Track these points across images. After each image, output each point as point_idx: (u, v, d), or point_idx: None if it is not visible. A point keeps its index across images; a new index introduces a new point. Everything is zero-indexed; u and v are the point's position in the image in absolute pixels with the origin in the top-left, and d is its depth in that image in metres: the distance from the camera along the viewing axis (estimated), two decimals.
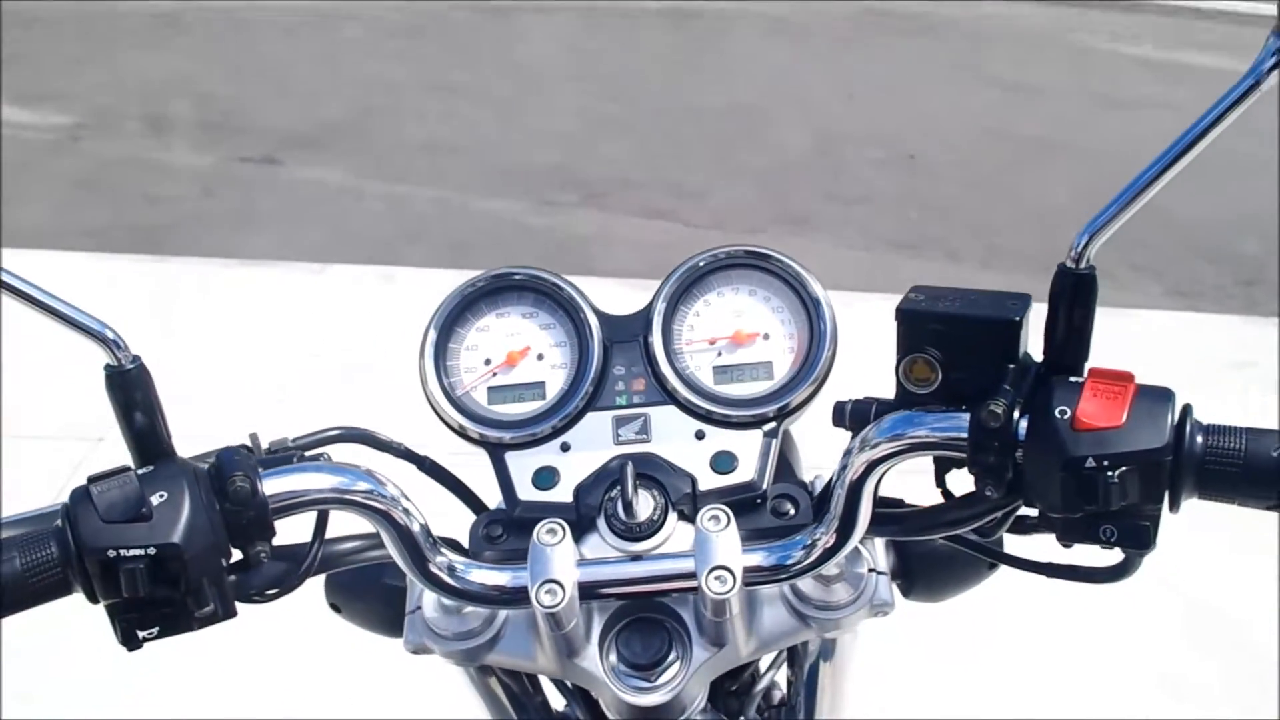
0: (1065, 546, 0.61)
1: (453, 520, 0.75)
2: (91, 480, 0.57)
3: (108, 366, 0.59)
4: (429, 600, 0.70)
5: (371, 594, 0.80)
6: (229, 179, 4.52)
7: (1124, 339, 3.69)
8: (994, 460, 0.58)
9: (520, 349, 0.75)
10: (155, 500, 0.56)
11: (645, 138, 5.46)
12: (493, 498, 0.74)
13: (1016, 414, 0.57)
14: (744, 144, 5.61)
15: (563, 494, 0.70)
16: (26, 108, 5.17)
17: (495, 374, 0.74)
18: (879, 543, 0.72)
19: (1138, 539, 0.57)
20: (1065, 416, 0.56)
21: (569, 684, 0.86)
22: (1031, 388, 0.58)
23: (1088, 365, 0.59)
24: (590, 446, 0.72)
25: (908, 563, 0.79)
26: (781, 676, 0.91)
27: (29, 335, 2.02)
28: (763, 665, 0.90)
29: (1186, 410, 0.56)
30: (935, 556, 0.78)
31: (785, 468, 0.75)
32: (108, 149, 4.76)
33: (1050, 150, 6.02)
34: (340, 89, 5.86)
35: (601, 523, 0.68)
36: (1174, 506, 0.56)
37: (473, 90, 6.07)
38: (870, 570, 0.70)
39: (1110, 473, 0.54)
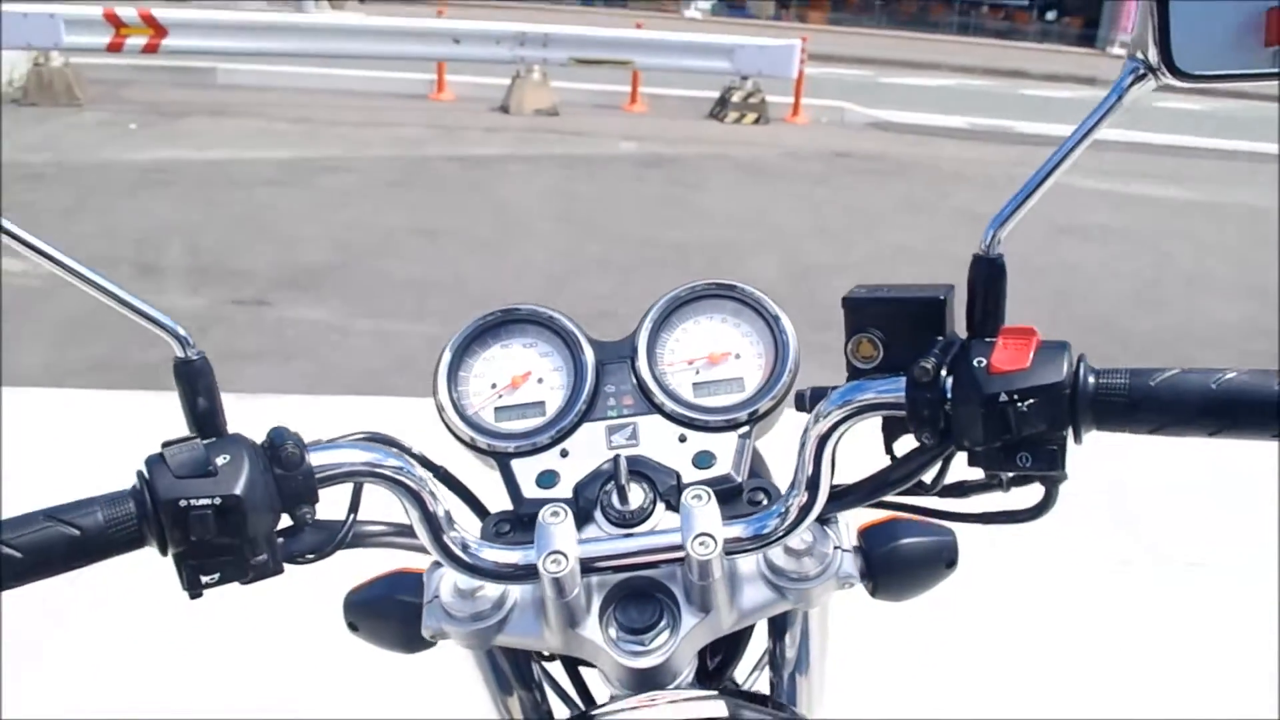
0: (991, 480, 0.71)
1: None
2: (164, 445, 0.66)
3: (176, 359, 0.69)
4: (445, 587, 0.78)
5: (386, 612, 0.86)
6: (221, 319, 4.64)
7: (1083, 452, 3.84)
8: (927, 412, 0.67)
9: (522, 374, 0.84)
10: (219, 461, 0.65)
11: (623, 272, 5.64)
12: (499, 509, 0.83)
13: (944, 372, 0.67)
14: (719, 275, 5.79)
15: (563, 491, 0.78)
16: (19, 257, 5.30)
17: (500, 395, 0.84)
18: (843, 527, 0.81)
19: (1049, 461, 0.67)
20: (982, 365, 0.66)
21: (565, 682, 0.93)
22: (955, 351, 0.69)
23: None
24: (586, 452, 0.80)
25: (873, 566, 0.87)
26: (764, 682, 0.98)
27: None
28: (740, 675, 0.97)
29: (1081, 357, 0.67)
30: (897, 558, 0.86)
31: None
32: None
33: (1011, 274, 6.22)
34: (328, 235, 6.05)
35: (598, 514, 0.77)
36: (1077, 437, 0.66)
37: (458, 233, 6.27)
38: (836, 548, 0.79)
39: (1020, 404, 0.65)
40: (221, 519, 0.64)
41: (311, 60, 10.90)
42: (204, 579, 0.65)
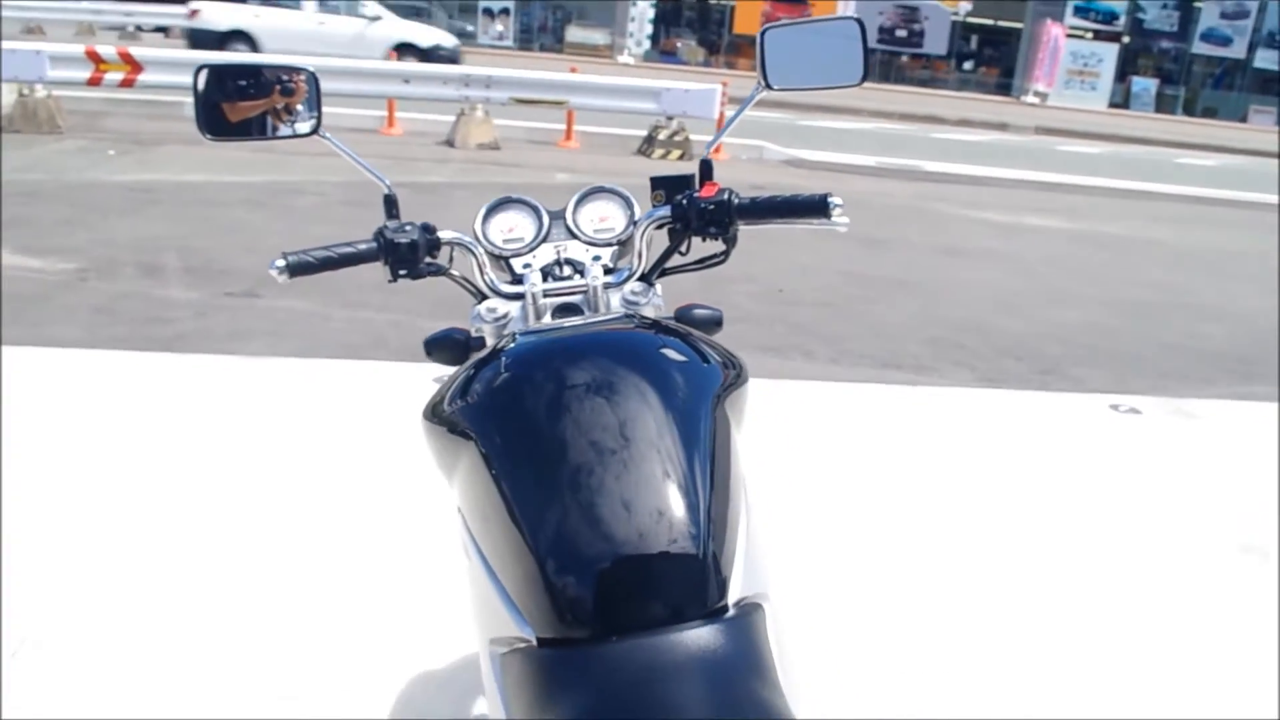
0: (703, 240, 1.63)
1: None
2: (386, 222, 1.56)
3: (384, 193, 1.60)
4: (483, 309, 1.65)
5: (445, 344, 1.71)
6: (218, 307, 5.47)
7: (933, 408, 4.77)
8: (679, 217, 1.59)
9: (513, 225, 1.76)
10: (406, 227, 1.54)
11: None
12: None
13: (685, 201, 1.59)
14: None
15: (535, 269, 1.69)
16: (35, 257, 6.11)
17: (504, 234, 1.75)
18: (659, 288, 1.71)
19: (724, 230, 1.58)
20: (696, 196, 1.58)
21: None
22: (690, 194, 1.61)
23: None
24: (545, 255, 1.71)
25: (682, 323, 1.79)
26: None
27: None
28: None
29: (736, 193, 1.60)
30: (694, 319, 1.77)
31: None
32: (111, 287, 5.68)
33: (895, 286, 7.21)
34: (300, 244, 6.84)
35: (549, 279, 1.68)
36: (732, 221, 1.57)
37: None
38: (654, 295, 1.69)
39: (709, 207, 1.56)
40: (409, 247, 1.55)
41: None
42: (400, 274, 1.56)
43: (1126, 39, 35.02)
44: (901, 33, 34.90)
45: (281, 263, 1.49)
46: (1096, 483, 3.99)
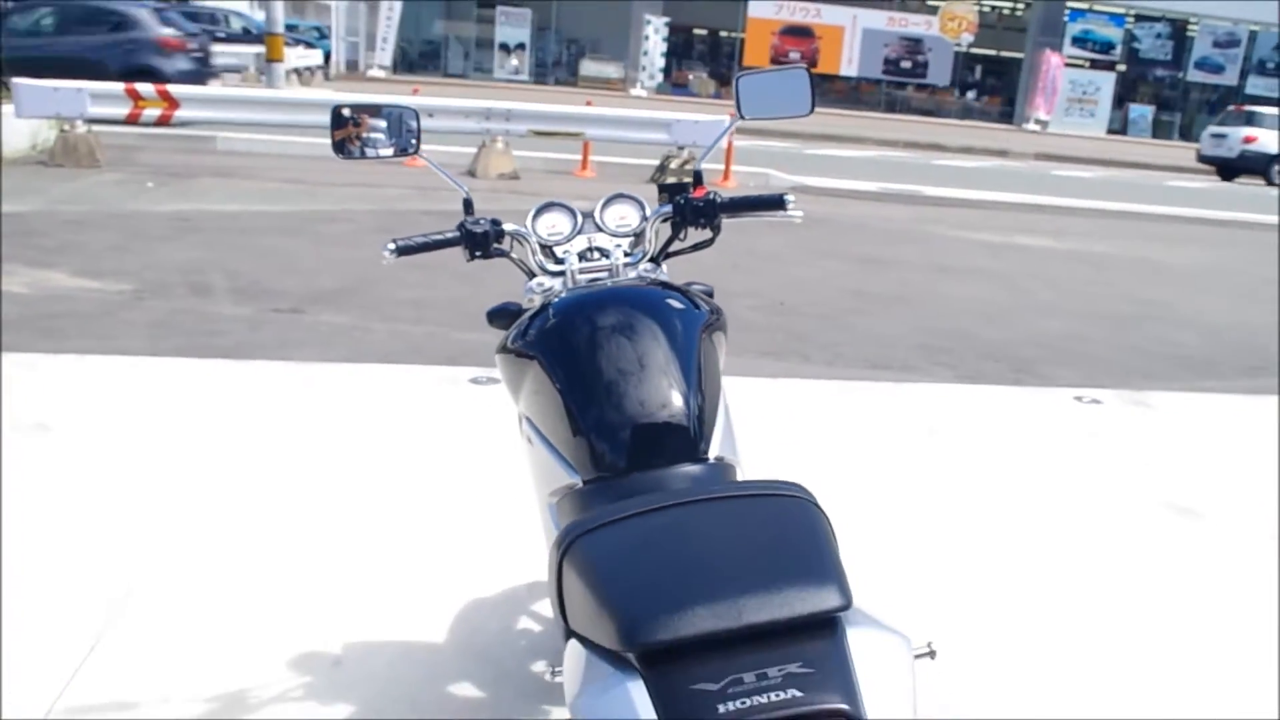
0: (696, 229, 2.14)
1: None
2: (464, 218, 2.07)
3: (463, 198, 2.12)
4: (534, 285, 2.17)
5: (502, 314, 2.20)
6: (267, 322, 5.99)
7: (914, 402, 5.26)
8: (677, 212, 2.10)
9: (554, 223, 2.27)
10: (482, 220, 2.05)
11: None
12: None
13: (683, 201, 2.10)
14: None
15: (572, 254, 2.20)
16: (93, 279, 6.65)
17: (548, 229, 2.25)
18: (665, 268, 2.22)
19: (711, 219, 2.09)
20: (691, 196, 2.09)
21: None
22: (687, 194, 2.13)
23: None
24: (579, 244, 2.20)
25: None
26: None
27: None
28: None
29: (719, 193, 2.12)
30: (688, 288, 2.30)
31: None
32: (167, 305, 6.21)
33: (890, 299, 7.71)
34: (337, 267, 7.42)
35: (584, 261, 2.19)
36: (717, 215, 2.09)
37: (441, 267, 7.56)
38: (660, 272, 2.20)
39: (699, 203, 2.08)
40: (482, 236, 2.06)
41: (304, 130, 12.28)
42: (475, 255, 2.07)
43: (1122, 68, 35.69)
44: (906, 64, 35.53)
45: (392, 246, 2.02)
46: (1061, 464, 4.46)
